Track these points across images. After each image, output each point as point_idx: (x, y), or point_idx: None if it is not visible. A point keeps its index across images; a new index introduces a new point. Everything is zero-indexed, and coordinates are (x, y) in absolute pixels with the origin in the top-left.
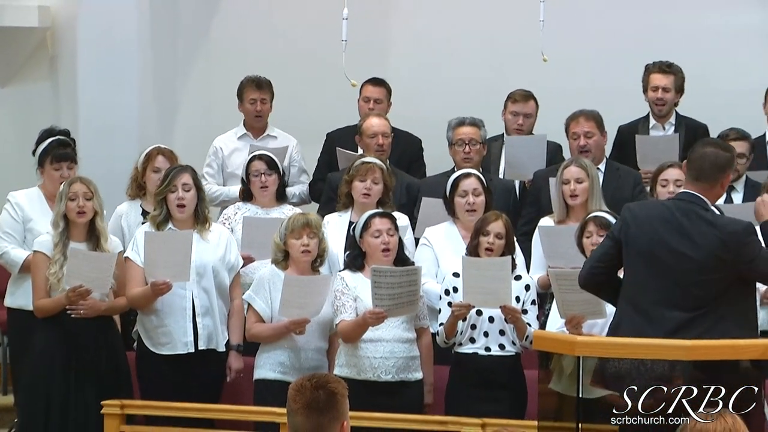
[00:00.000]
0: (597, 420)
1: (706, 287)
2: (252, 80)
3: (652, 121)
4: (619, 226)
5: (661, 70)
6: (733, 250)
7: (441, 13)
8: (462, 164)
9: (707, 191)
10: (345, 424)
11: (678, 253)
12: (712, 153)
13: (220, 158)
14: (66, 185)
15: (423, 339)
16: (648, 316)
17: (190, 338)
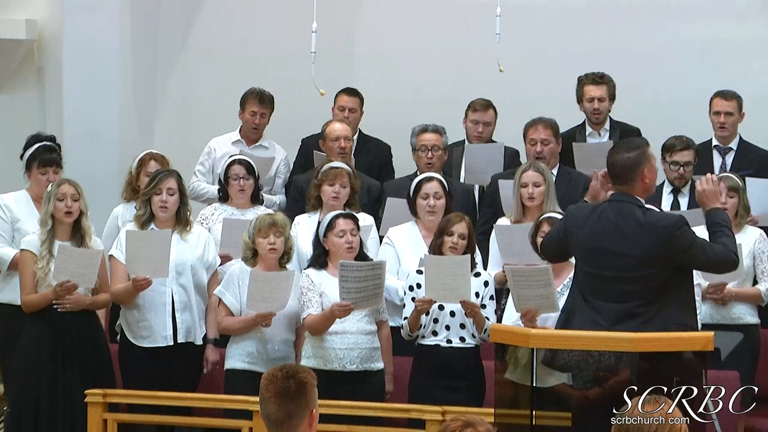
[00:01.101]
0: (549, 408)
1: (645, 282)
2: (256, 94)
3: (589, 128)
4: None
5: (594, 81)
6: (666, 244)
7: (404, 27)
8: (425, 168)
9: (633, 189)
10: (314, 411)
11: (615, 253)
12: (620, 158)
13: (212, 159)
14: (54, 186)
15: (383, 331)
16: (595, 307)
17: (170, 332)
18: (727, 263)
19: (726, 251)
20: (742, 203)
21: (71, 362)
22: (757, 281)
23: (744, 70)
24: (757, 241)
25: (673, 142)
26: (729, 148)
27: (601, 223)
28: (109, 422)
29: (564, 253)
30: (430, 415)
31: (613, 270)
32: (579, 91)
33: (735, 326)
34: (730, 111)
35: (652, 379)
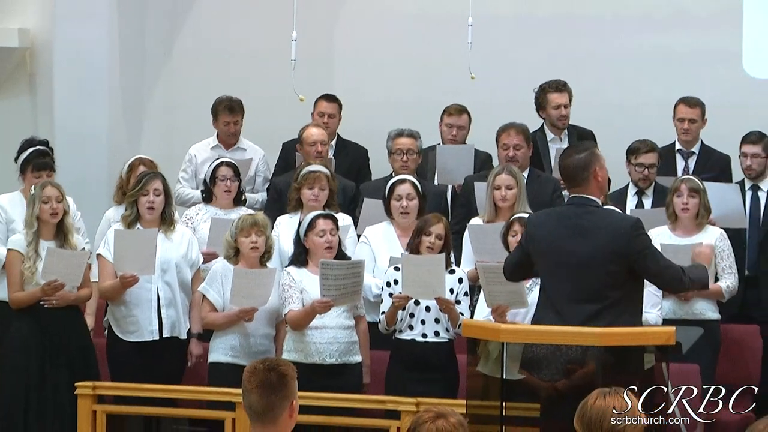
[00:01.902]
0: (519, 399)
1: (607, 280)
2: (225, 105)
3: (550, 134)
4: (525, 237)
5: (557, 89)
6: (623, 243)
7: (381, 37)
8: (400, 171)
9: (587, 190)
10: (294, 402)
11: (577, 253)
12: (571, 161)
13: (194, 165)
14: (38, 189)
15: (360, 326)
16: (562, 311)
17: (155, 327)
18: (675, 282)
19: (678, 273)
20: (703, 204)
21: (58, 356)
22: (718, 278)
23: (703, 77)
24: (717, 240)
25: (638, 145)
26: (692, 152)
27: (561, 225)
28: (98, 413)
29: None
30: (404, 406)
31: (575, 270)
32: (542, 99)
33: (696, 321)
34: (694, 118)
35: (617, 372)
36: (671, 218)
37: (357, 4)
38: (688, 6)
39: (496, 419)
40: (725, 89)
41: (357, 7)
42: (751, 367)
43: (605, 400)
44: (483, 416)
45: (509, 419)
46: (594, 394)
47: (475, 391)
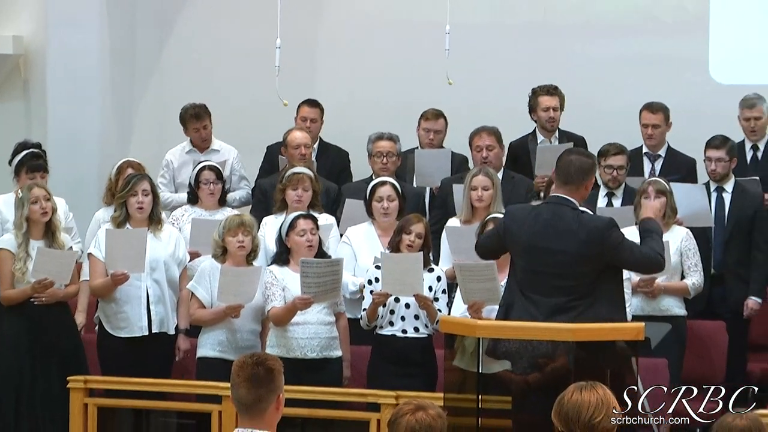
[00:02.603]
0: (493, 392)
1: (578, 278)
2: (191, 114)
3: (540, 137)
4: (502, 227)
5: (548, 92)
6: (597, 243)
7: (362, 44)
8: (380, 173)
9: (574, 193)
10: (281, 396)
11: (551, 250)
12: (577, 159)
13: (171, 170)
14: (25, 191)
15: (340, 322)
16: (532, 300)
17: (145, 323)
18: (653, 264)
19: (653, 254)
20: (669, 205)
21: (48, 351)
22: (684, 276)
23: (671, 82)
24: (683, 239)
25: (607, 147)
26: (658, 155)
27: (539, 223)
28: (89, 406)
29: (497, 250)
30: (384, 399)
31: (549, 266)
32: (533, 102)
33: (664, 317)
34: (657, 123)
35: (588, 366)
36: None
37: (339, 13)
38: (657, 14)
39: (473, 411)
40: (692, 94)
41: (339, 16)
42: (717, 361)
43: (582, 394)
44: (460, 408)
45: (485, 411)
46: (571, 388)
47: (453, 385)
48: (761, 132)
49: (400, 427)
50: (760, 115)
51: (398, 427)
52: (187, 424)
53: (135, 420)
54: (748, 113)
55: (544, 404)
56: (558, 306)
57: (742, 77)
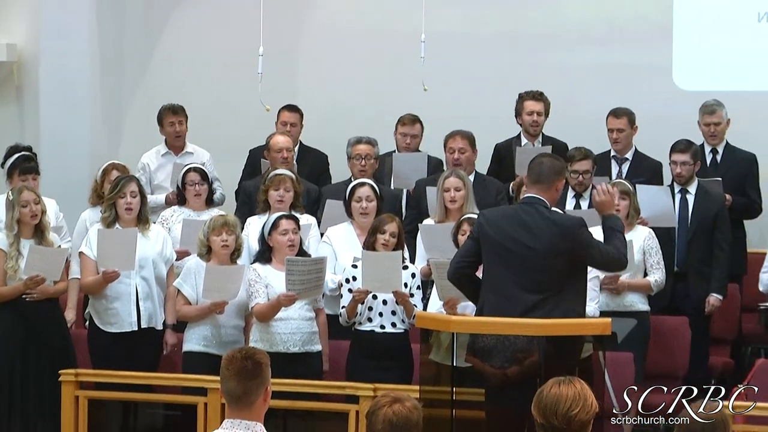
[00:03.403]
0: (467, 385)
1: (550, 273)
2: (168, 108)
3: (524, 140)
4: (476, 228)
5: (534, 97)
6: (568, 240)
7: (341, 51)
8: (358, 175)
9: (545, 192)
10: (268, 388)
11: (524, 246)
12: (548, 161)
13: (147, 173)
14: (15, 195)
15: (320, 317)
16: (506, 296)
17: (134, 318)
18: (617, 263)
19: (617, 253)
20: (632, 205)
21: (40, 346)
22: (647, 273)
23: (637, 89)
24: (646, 239)
25: (574, 152)
26: (625, 158)
27: (513, 221)
28: (80, 399)
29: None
30: (363, 391)
31: (522, 262)
32: (519, 106)
33: (628, 313)
34: (621, 127)
35: (558, 360)
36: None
37: (319, 23)
38: (622, 25)
39: (447, 403)
40: (657, 100)
41: (319, 26)
42: (680, 355)
43: (560, 388)
44: (435, 400)
45: (459, 403)
46: (550, 382)
47: (428, 378)
48: (720, 136)
49: (377, 419)
50: (719, 120)
51: (376, 419)
52: (173, 416)
53: (124, 412)
54: (708, 119)
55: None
56: (531, 302)
57: (704, 84)
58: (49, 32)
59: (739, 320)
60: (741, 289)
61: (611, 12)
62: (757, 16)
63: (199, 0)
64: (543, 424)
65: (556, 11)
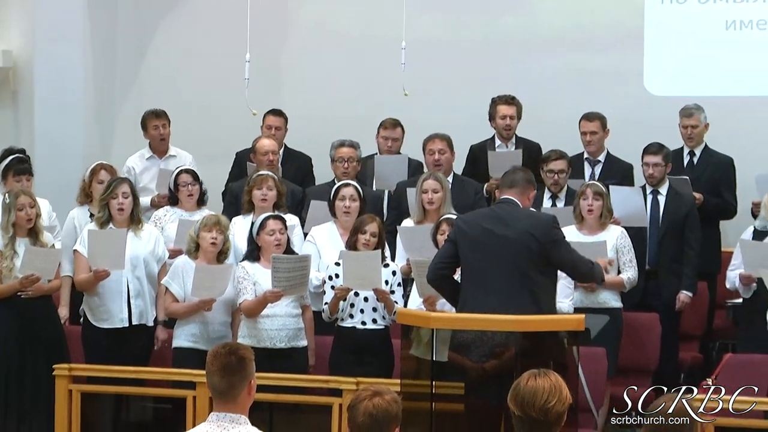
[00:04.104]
0: (447, 378)
1: (525, 264)
2: (151, 112)
3: (498, 141)
4: (454, 231)
5: (506, 102)
6: (542, 233)
7: (325, 57)
8: (341, 177)
9: (519, 196)
10: (252, 382)
11: (500, 237)
12: (522, 171)
13: (133, 176)
14: (12, 198)
15: (306, 314)
16: (484, 286)
17: (125, 315)
18: (585, 271)
19: (587, 262)
20: (606, 206)
21: (34, 341)
22: (620, 271)
23: (609, 94)
24: (619, 238)
25: (549, 153)
26: (598, 160)
27: (488, 217)
28: (73, 392)
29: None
30: (346, 385)
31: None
32: (492, 110)
33: (602, 310)
34: (594, 130)
35: (534, 354)
36: (578, 219)
37: (303, 31)
38: (595, 31)
39: (427, 396)
40: (628, 105)
41: (303, 33)
42: (651, 350)
43: (536, 380)
44: (415, 394)
45: (438, 396)
46: (525, 375)
47: (409, 372)
48: (698, 139)
49: (358, 411)
50: (696, 123)
51: (357, 411)
52: (163, 409)
53: (115, 405)
54: (687, 122)
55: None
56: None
57: (674, 89)
58: (44, 39)
59: (708, 316)
60: (716, 286)
61: (584, 19)
62: (725, 24)
63: (188, 9)
64: (520, 416)
65: (531, 19)
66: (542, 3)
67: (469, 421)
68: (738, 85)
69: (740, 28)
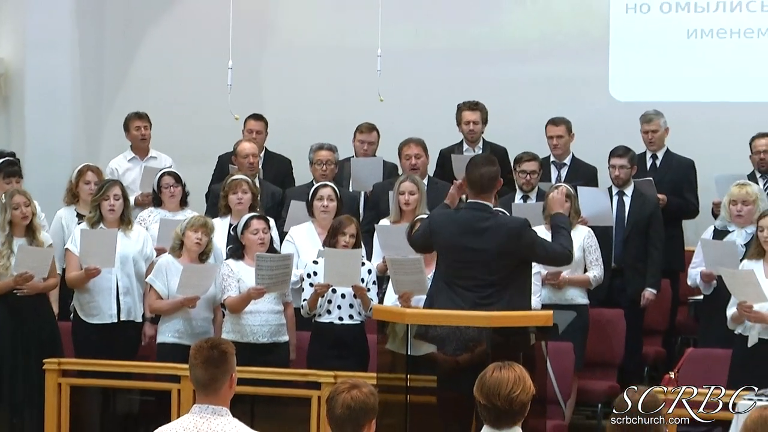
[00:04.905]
0: (421, 372)
1: (496, 272)
2: (134, 114)
3: (465, 146)
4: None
5: (470, 107)
6: (514, 240)
7: (304, 64)
8: (319, 179)
9: (488, 198)
10: (233, 375)
11: (472, 249)
12: (486, 171)
13: (116, 177)
14: (8, 198)
15: (288, 310)
16: (456, 292)
17: (114, 311)
18: (563, 258)
19: (561, 249)
20: (573, 207)
21: (28, 337)
22: (586, 269)
23: (575, 100)
24: (585, 237)
25: (521, 155)
26: (564, 163)
27: (461, 225)
28: (63, 386)
29: (429, 247)
30: (324, 378)
31: (471, 262)
32: (458, 116)
33: (569, 306)
34: (560, 134)
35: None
36: (547, 219)
37: (284, 39)
38: (562, 40)
39: (402, 389)
40: (594, 110)
41: (283, 42)
42: (616, 345)
43: (501, 372)
44: (391, 386)
45: (413, 389)
46: (491, 367)
47: (384, 365)
48: (659, 143)
49: (337, 404)
50: (657, 128)
51: (336, 404)
52: (149, 401)
53: (103, 397)
54: (647, 127)
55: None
56: (479, 298)
57: (638, 95)
58: (34, 46)
59: (671, 312)
60: (675, 283)
61: (552, 29)
62: (687, 33)
63: (173, 19)
64: (486, 405)
65: (501, 28)
66: (511, 14)
67: (442, 412)
68: (699, 91)
69: (701, 36)
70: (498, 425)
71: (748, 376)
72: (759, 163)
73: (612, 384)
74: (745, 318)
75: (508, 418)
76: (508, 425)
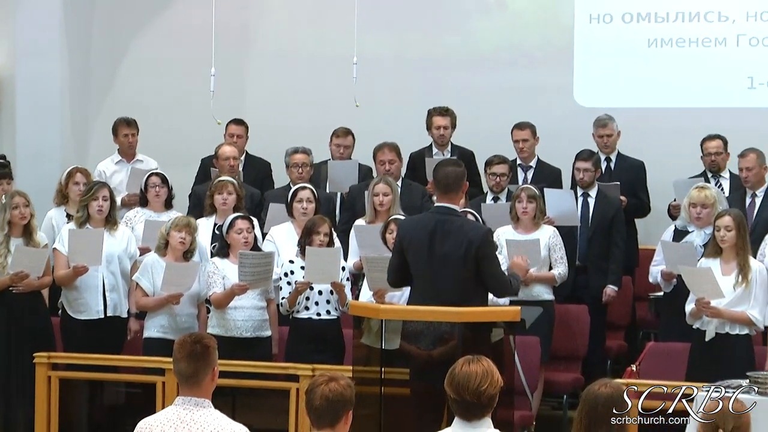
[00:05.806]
0: (394, 365)
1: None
2: (123, 120)
3: (435, 149)
4: (398, 240)
5: (440, 113)
6: (476, 245)
7: (283, 72)
8: (296, 181)
9: (454, 200)
10: (215, 369)
11: (439, 254)
12: (452, 171)
13: (104, 179)
14: (8, 198)
15: (271, 307)
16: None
17: (101, 307)
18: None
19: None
20: (539, 207)
21: (21, 332)
22: (552, 267)
23: (541, 106)
24: (551, 237)
25: (492, 158)
26: (530, 166)
27: (427, 230)
28: (52, 378)
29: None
30: (302, 371)
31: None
32: (428, 121)
33: (535, 302)
34: (526, 138)
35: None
36: (514, 219)
37: (263, 47)
38: (528, 49)
39: (377, 381)
40: (559, 115)
41: (263, 50)
42: (580, 339)
43: (470, 366)
44: (366, 379)
45: (387, 381)
46: (460, 361)
47: (360, 359)
48: (612, 146)
49: (315, 395)
50: (610, 132)
51: (314, 395)
52: (135, 393)
53: (91, 390)
54: (602, 131)
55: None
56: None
57: (601, 101)
58: (24, 54)
59: (632, 308)
60: (633, 280)
61: (519, 38)
62: (648, 42)
63: (158, 27)
64: (456, 398)
65: (470, 37)
66: (479, 23)
67: (415, 403)
68: (659, 97)
69: (661, 45)
70: (468, 417)
71: (706, 369)
72: (710, 164)
73: (576, 376)
74: (703, 313)
75: (477, 410)
76: (477, 417)
